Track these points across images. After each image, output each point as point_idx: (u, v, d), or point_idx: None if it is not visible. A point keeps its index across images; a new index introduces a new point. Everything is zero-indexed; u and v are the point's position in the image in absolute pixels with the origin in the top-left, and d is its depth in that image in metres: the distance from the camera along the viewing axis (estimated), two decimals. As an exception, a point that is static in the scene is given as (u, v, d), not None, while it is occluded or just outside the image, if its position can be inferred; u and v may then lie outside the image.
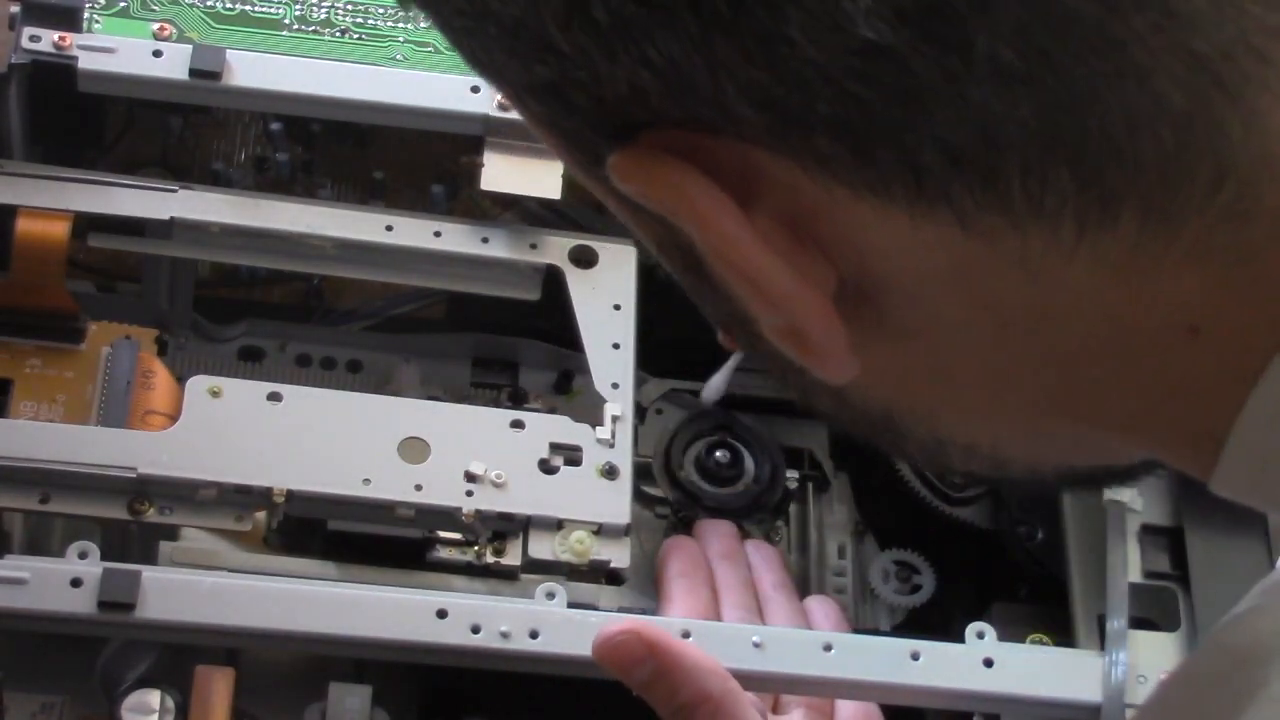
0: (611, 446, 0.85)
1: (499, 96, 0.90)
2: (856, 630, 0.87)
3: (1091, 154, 0.38)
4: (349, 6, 0.97)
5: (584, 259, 0.91)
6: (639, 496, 0.88)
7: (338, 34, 0.96)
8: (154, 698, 0.77)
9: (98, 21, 0.93)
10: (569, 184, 0.91)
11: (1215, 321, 0.41)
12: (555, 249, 0.91)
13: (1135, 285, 0.41)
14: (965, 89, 0.38)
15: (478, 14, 0.41)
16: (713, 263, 0.42)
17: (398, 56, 0.96)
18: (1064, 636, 0.85)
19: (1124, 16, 0.37)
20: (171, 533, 0.82)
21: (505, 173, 0.90)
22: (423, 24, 0.97)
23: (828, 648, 0.79)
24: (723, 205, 0.41)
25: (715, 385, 0.90)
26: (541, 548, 0.82)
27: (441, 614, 0.78)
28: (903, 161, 0.39)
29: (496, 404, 0.94)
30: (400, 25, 0.97)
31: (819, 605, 0.87)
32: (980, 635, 0.80)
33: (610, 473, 0.84)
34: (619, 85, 0.40)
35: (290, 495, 0.81)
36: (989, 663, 0.79)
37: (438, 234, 0.90)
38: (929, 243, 0.40)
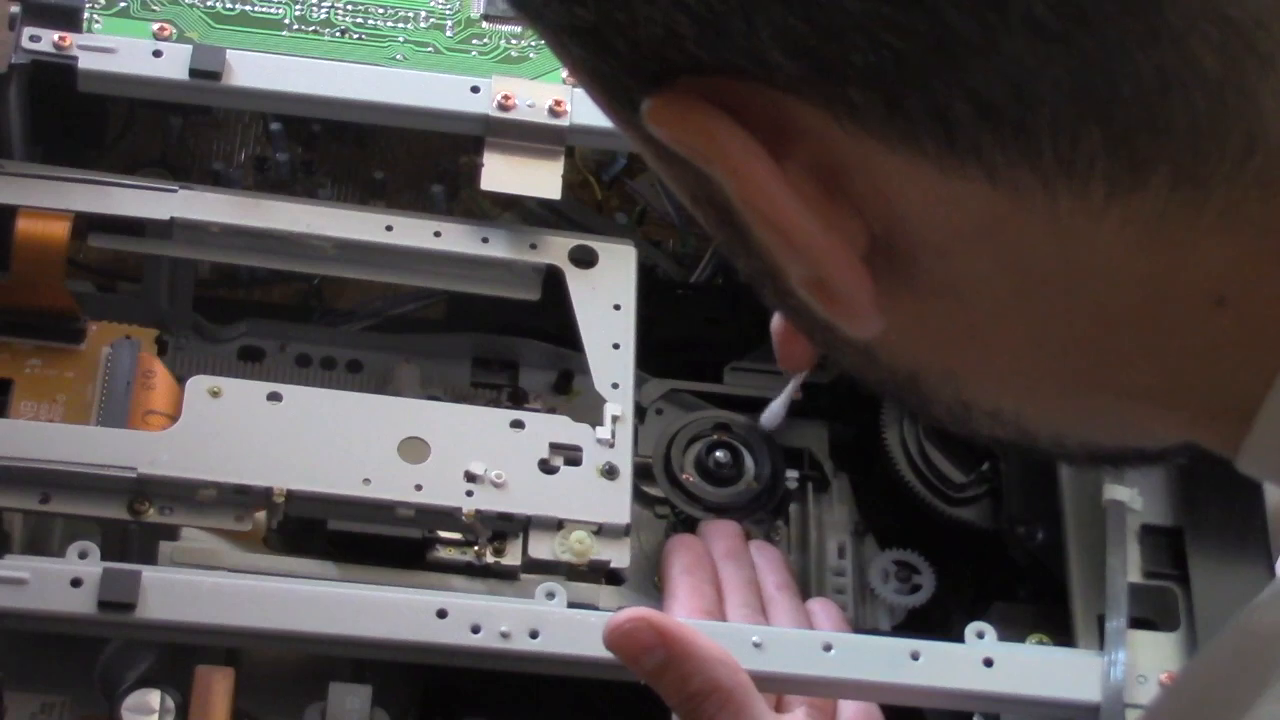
0: (611, 446, 0.85)
1: (499, 96, 0.90)
2: (856, 630, 0.87)
3: (1122, 115, 0.39)
4: (349, 6, 0.97)
5: (584, 259, 0.91)
6: (639, 496, 0.88)
7: (338, 34, 0.96)
8: (154, 698, 0.77)
9: (98, 21, 0.93)
10: (569, 184, 0.91)
11: (1241, 293, 0.41)
12: (555, 249, 0.91)
13: (1162, 251, 0.41)
14: (999, 43, 0.38)
15: None
16: (743, 211, 0.42)
17: (398, 56, 0.96)
18: (1064, 636, 0.85)
19: None
20: (171, 533, 0.82)
21: (505, 173, 0.90)
22: (423, 24, 0.97)
23: (828, 648, 0.79)
24: (755, 153, 0.41)
25: (775, 412, 0.90)
26: (541, 548, 0.82)
27: (441, 614, 0.78)
28: (934, 113, 0.39)
29: (496, 404, 0.94)
30: (400, 25, 0.97)
31: (820, 608, 0.87)
32: (980, 635, 0.80)
33: (610, 473, 0.85)
34: (655, 28, 0.40)
35: (290, 495, 0.81)
36: (989, 663, 0.79)
37: (438, 234, 0.90)
38: (958, 197, 0.41)
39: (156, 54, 0.90)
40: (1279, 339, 0.41)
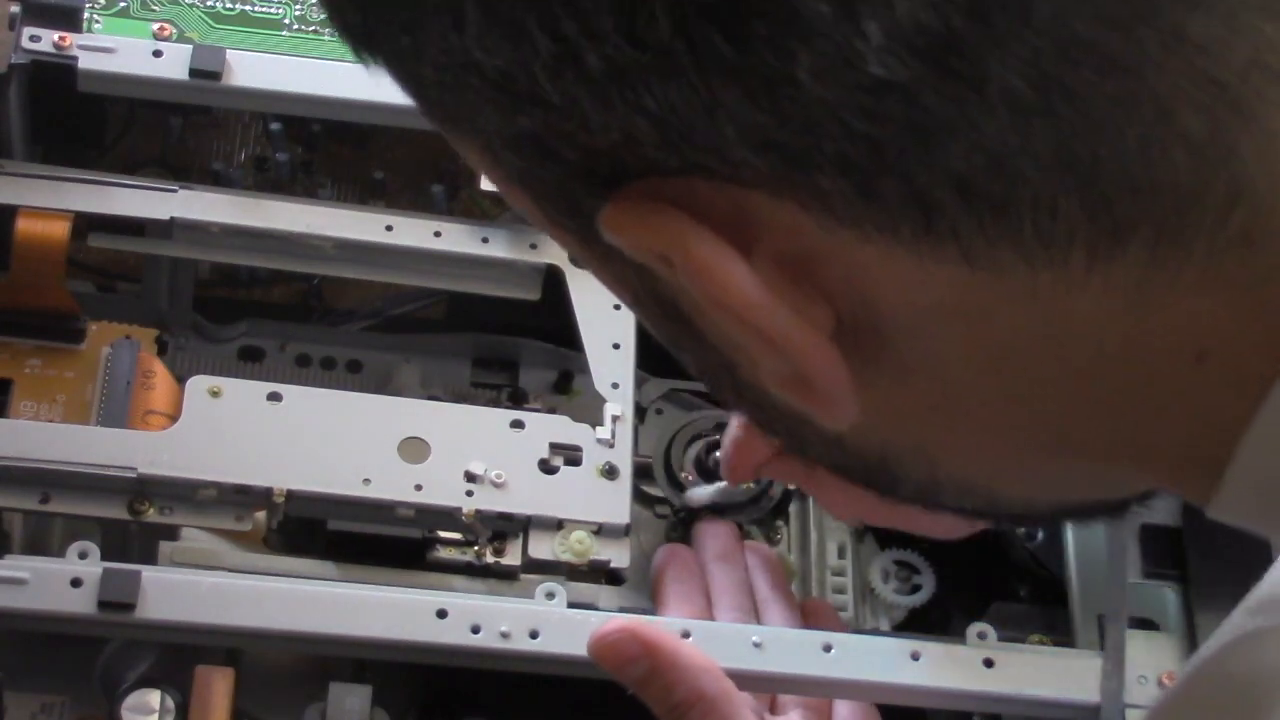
0: (611, 446, 0.85)
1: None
2: (856, 630, 0.87)
3: (1104, 182, 0.38)
4: (349, 6, 0.97)
5: (584, 259, 0.91)
6: (639, 496, 0.88)
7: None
8: (154, 698, 0.77)
9: (98, 21, 0.93)
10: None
11: (1222, 347, 0.40)
12: (555, 249, 0.91)
13: (1143, 312, 0.40)
14: (978, 121, 0.37)
15: (458, 65, 0.39)
16: (711, 311, 0.41)
17: (398, 56, 0.96)
18: (1064, 636, 0.85)
19: (1139, 41, 0.37)
20: (171, 533, 0.82)
21: None
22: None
23: (828, 648, 0.79)
24: (724, 254, 0.39)
25: (700, 496, 0.89)
26: (541, 548, 0.82)
27: (441, 614, 0.78)
28: (911, 198, 0.38)
29: (496, 404, 0.94)
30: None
31: (814, 609, 0.87)
32: (980, 635, 0.80)
33: (610, 473, 0.85)
34: (611, 134, 0.39)
35: (290, 495, 0.81)
36: (989, 663, 0.79)
37: (438, 234, 0.90)
38: (933, 279, 0.40)
39: (156, 54, 0.90)
40: (1256, 390, 0.40)
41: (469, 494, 0.82)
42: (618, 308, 0.90)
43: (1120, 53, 0.37)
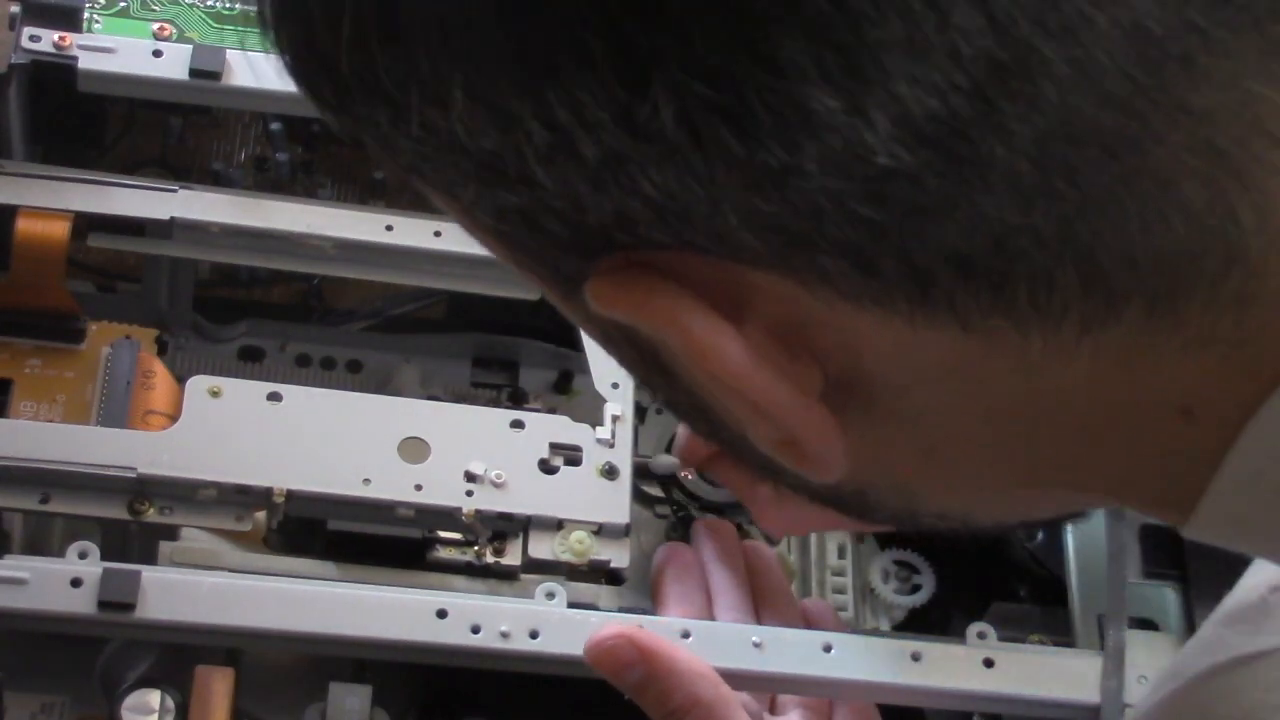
0: (611, 446, 0.85)
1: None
2: (856, 630, 0.87)
3: (1102, 256, 0.38)
4: (349, 6, 0.97)
5: (584, 259, 0.91)
6: (639, 496, 0.88)
7: (338, 34, 0.96)
8: (154, 698, 0.77)
9: (98, 21, 0.93)
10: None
11: (1208, 405, 0.41)
12: (555, 249, 0.91)
13: (1132, 373, 0.40)
14: (980, 202, 0.37)
15: (441, 145, 0.38)
16: (695, 381, 0.41)
17: (398, 56, 0.96)
18: (1064, 636, 0.85)
19: (1143, 119, 0.36)
20: (171, 533, 0.82)
21: None
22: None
23: (828, 648, 0.79)
24: (716, 327, 0.39)
25: (665, 461, 0.89)
26: (541, 548, 0.82)
27: (441, 614, 0.78)
28: (910, 274, 0.38)
29: (496, 404, 0.93)
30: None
31: (813, 608, 0.87)
32: (980, 635, 0.80)
33: (610, 473, 0.85)
34: (603, 214, 0.38)
35: (290, 495, 0.81)
36: (989, 663, 0.79)
37: (438, 234, 0.90)
38: (926, 343, 0.40)
39: (156, 54, 0.90)
40: (1234, 434, 0.41)
41: (469, 494, 0.82)
42: (618, 308, 0.90)
43: (1122, 129, 0.36)
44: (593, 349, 0.88)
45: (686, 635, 0.78)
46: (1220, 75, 0.37)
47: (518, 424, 0.85)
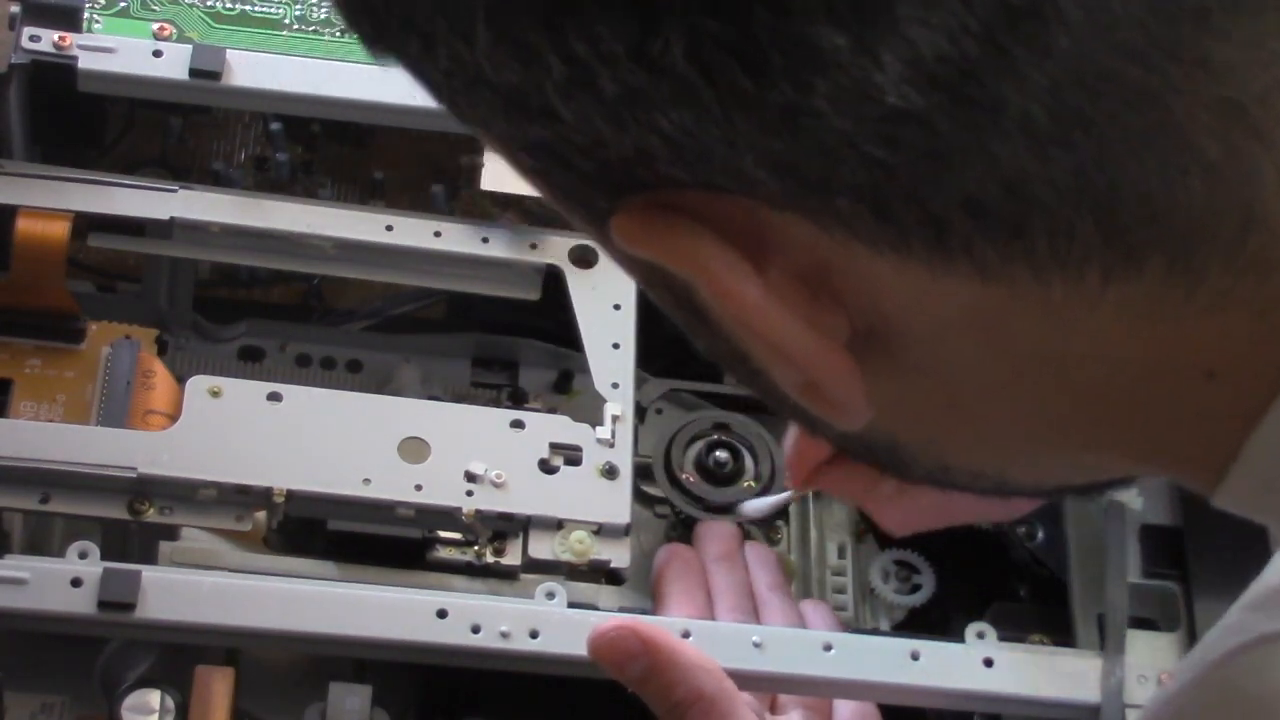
0: (611, 446, 0.85)
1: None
2: (856, 630, 0.87)
3: (1120, 208, 0.38)
4: (349, 6, 0.97)
5: (584, 259, 0.91)
6: (639, 496, 0.88)
7: (337, 34, 0.96)
8: (154, 698, 0.77)
9: (98, 21, 0.93)
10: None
11: (1232, 368, 0.41)
12: (555, 249, 0.91)
13: (1155, 332, 0.40)
14: (994, 148, 0.37)
15: (469, 79, 0.40)
16: (724, 323, 0.41)
17: (398, 56, 0.96)
18: (1064, 636, 0.85)
19: (1161, 71, 0.36)
20: (171, 533, 0.82)
21: (505, 173, 0.88)
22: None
23: (828, 648, 0.79)
24: (738, 268, 0.40)
25: (759, 507, 0.86)
26: (541, 548, 0.82)
27: (441, 614, 0.78)
28: (925, 219, 0.38)
29: (496, 404, 0.93)
30: (400, 25, 0.97)
31: (812, 608, 0.87)
32: (980, 635, 0.80)
33: (610, 473, 0.85)
34: (624, 149, 0.39)
35: (290, 495, 0.81)
36: (989, 663, 0.79)
37: (438, 234, 0.90)
38: (947, 291, 0.40)
39: (156, 54, 0.90)
40: (1261, 404, 0.41)
41: (469, 494, 0.82)
42: (618, 308, 0.90)
43: (1140, 83, 0.36)
44: (593, 349, 0.89)
45: (687, 635, 0.78)
46: (1242, 33, 0.37)
47: (518, 424, 0.85)
